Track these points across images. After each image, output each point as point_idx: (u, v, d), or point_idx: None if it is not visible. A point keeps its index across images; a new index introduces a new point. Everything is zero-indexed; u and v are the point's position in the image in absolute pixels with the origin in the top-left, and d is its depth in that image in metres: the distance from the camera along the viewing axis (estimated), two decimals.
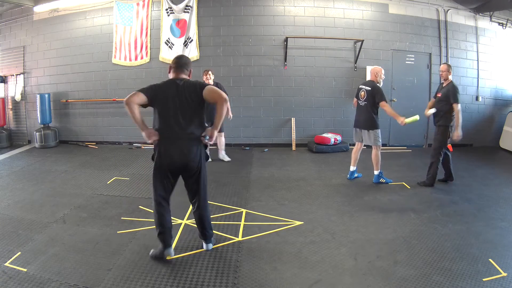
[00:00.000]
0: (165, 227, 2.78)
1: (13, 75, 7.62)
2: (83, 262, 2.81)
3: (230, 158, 5.75)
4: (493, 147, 7.33)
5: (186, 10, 7.01)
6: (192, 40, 7.06)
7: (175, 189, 2.89)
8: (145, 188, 4.58)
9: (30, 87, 7.64)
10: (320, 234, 3.34)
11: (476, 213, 3.85)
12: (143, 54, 7.19)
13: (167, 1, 7.02)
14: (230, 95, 5.69)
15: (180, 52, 7.02)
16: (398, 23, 7.07)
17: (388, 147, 7.08)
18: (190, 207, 3.27)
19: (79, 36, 7.30)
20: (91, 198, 4.28)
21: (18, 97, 7.54)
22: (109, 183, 4.88)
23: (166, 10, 7.06)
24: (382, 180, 4.83)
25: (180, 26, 7.07)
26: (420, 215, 3.77)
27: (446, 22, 7.08)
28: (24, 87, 7.63)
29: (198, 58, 7.05)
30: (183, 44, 7.07)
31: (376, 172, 4.84)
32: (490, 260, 2.82)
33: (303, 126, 7.24)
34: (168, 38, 7.12)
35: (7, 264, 2.76)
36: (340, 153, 6.70)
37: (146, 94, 2.62)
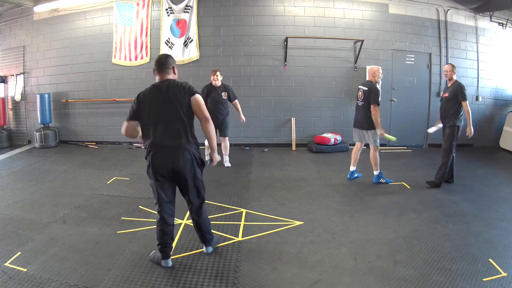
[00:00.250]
0: (165, 242, 2.71)
1: (13, 75, 7.62)
2: (83, 262, 2.81)
3: (230, 164, 5.72)
4: (493, 147, 7.33)
5: (186, 10, 7.01)
6: (192, 40, 7.05)
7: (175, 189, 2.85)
8: (145, 188, 4.57)
9: (30, 87, 7.64)
10: (320, 234, 3.34)
11: (476, 213, 3.85)
12: (143, 54, 7.19)
13: (167, 1, 7.02)
14: None
15: (180, 52, 7.03)
16: (398, 23, 7.07)
17: (388, 147, 7.08)
18: None
19: (79, 36, 7.30)
20: (91, 198, 4.28)
21: (18, 97, 7.54)
22: (109, 183, 4.89)
23: (166, 10, 7.06)
24: (382, 180, 4.83)
25: (180, 26, 7.07)
26: (420, 215, 3.77)
27: (446, 22, 7.08)
28: (24, 87, 7.63)
29: (198, 58, 7.04)
30: (183, 44, 7.07)
31: (375, 172, 4.83)
32: (490, 260, 2.82)
33: (303, 126, 7.24)
34: (168, 38, 7.12)
35: (7, 264, 2.77)
36: (340, 153, 6.70)
37: (132, 118, 2.64)
